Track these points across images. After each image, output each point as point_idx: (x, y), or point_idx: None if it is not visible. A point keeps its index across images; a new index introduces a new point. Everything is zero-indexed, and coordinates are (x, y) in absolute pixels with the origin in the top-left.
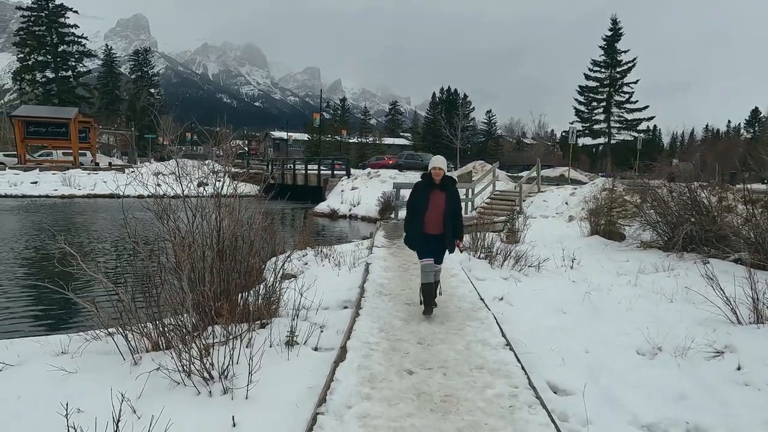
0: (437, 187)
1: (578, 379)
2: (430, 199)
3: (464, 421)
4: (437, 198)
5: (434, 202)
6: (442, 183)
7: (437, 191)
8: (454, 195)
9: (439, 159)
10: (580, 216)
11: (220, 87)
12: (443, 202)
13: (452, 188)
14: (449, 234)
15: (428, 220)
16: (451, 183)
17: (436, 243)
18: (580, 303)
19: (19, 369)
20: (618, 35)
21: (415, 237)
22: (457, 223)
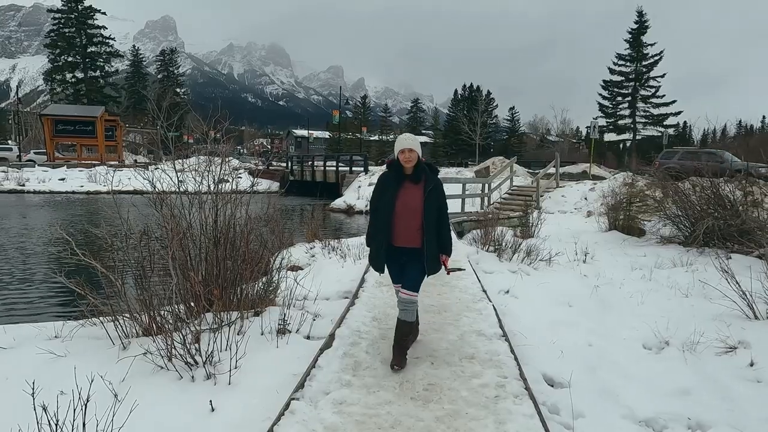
0: (409, 179)
1: (576, 373)
2: (398, 196)
3: (444, 410)
4: (409, 195)
5: (405, 201)
6: (416, 173)
7: (409, 185)
8: (434, 190)
9: (407, 138)
10: (599, 211)
11: (245, 86)
12: (419, 200)
13: (432, 180)
14: (429, 247)
15: (398, 228)
16: (432, 173)
17: (410, 261)
18: (588, 297)
19: (11, 352)
20: (644, 28)
21: (377, 252)
22: (442, 229)
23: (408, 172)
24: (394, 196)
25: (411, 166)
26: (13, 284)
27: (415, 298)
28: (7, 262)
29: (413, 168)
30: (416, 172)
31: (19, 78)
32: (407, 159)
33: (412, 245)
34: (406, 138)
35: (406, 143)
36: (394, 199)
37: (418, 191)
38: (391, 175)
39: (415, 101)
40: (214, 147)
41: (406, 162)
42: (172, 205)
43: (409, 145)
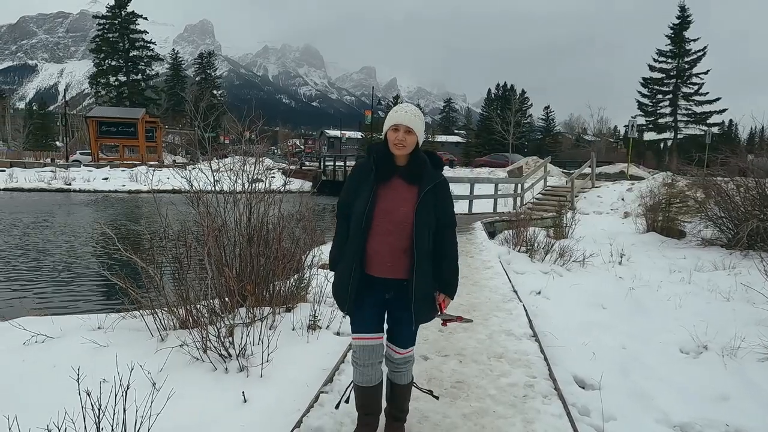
0: (399, 173)
1: (608, 375)
2: (379, 198)
3: (471, 408)
4: (397, 198)
5: (388, 207)
6: (412, 165)
7: (398, 183)
8: (435, 192)
9: (406, 110)
10: (636, 212)
11: (279, 88)
12: (410, 207)
13: (432, 177)
14: (420, 282)
15: (375, 247)
16: (434, 167)
17: (396, 301)
18: (624, 299)
19: (58, 341)
20: (687, 23)
21: (343, 282)
22: (444, 253)
23: (400, 162)
24: (374, 197)
25: (405, 153)
26: (60, 278)
27: (411, 353)
28: (55, 258)
29: (408, 157)
30: (412, 163)
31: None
32: (401, 142)
33: (396, 276)
34: (404, 111)
35: (403, 117)
36: (372, 203)
37: (411, 193)
38: (375, 162)
39: (448, 101)
40: (249, 147)
41: (397, 146)
42: (208, 203)
43: (406, 120)
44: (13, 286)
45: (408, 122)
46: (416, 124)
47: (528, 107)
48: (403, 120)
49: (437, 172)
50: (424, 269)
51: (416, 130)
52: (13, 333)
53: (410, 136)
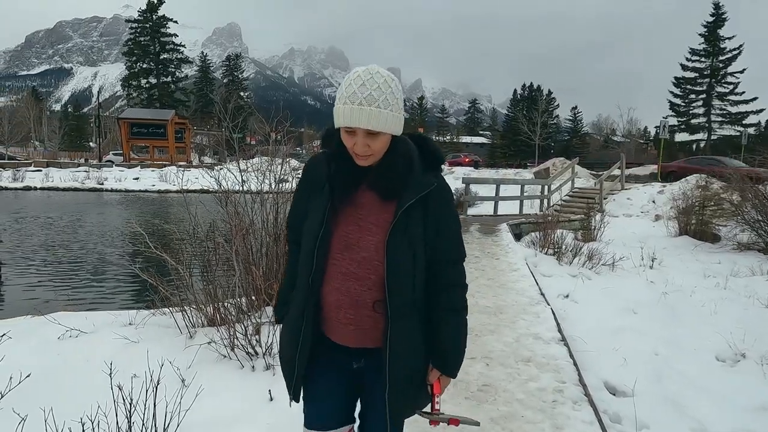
0: (368, 182)
1: (640, 382)
2: (336, 220)
3: (499, 412)
4: (363, 220)
5: (350, 236)
6: (385, 167)
7: (367, 196)
8: (430, 207)
9: (366, 92)
10: (668, 215)
11: (304, 89)
12: (381, 232)
13: (422, 186)
14: (403, 352)
15: (331, 299)
16: (428, 167)
17: (365, 368)
18: (655, 304)
19: (91, 336)
20: (721, 20)
21: (286, 350)
22: (446, 304)
23: (362, 160)
24: (328, 220)
25: (368, 160)
26: (93, 275)
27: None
28: (88, 255)
29: (371, 153)
30: (385, 165)
31: (100, 84)
32: (362, 153)
33: (363, 343)
34: (359, 95)
35: (358, 114)
36: (326, 231)
37: (385, 213)
38: (330, 163)
39: (473, 102)
40: (275, 148)
41: (359, 158)
42: (236, 202)
43: (363, 120)
44: (49, 282)
45: (367, 122)
46: (382, 120)
47: (555, 108)
48: (357, 120)
49: (429, 175)
50: (404, 333)
51: (386, 128)
52: (49, 328)
53: (376, 138)
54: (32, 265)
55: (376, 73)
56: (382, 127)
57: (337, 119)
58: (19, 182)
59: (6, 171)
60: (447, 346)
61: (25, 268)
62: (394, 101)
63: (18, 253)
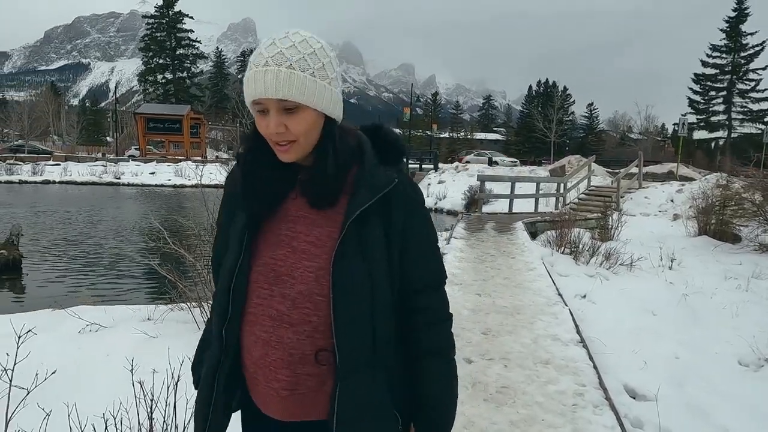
0: (302, 186)
1: (662, 386)
2: (259, 242)
3: (518, 415)
4: (296, 239)
5: (278, 263)
6: (321, 165)
7: (300, 207)
8: (394, 214)
9: (275, 53)
10: (687, 214)
11: None
12: (323, 255)
13: (378, 185)
14: (358, 418)
15: (255, 352)
16: (384, 161)
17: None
18: (675, 306)
19: (111, 330)
20: (744, 15)
21: (203, 407)
22: (425, 344)
23: (288, 156)
24: (249, 242)
25: (290, 150)
26: (110, 269)
27: None
28: (106, 249)
29: (312, 153)
30: (321, 162)
31: (117, 79)
32: (280, 138)
33: (304, 416)
34: (267, 57)
35: (266, 81)
36: (248, 255)
37: (326, 227)
38: (253, 168)
39: (487, 98)
40: None
41: (279, 149)
42: None
43: (271, 88)
44: (67, 276)
45: (274, 87)
46: (298, 85)
47: (570, 104)
48: (262, 85)
49: (387, 171)
50: (359, 395)
51: (305, 98)
52: (70, 321)
53: (295, 116)
54: (51, 259)
55: (294, 33)
56: (299, 94)
57: (247, 91)
58: (38, 176)
59: (26, 165)
60: (432, 402)
61: (44, 261)
62: (317, 65)
63: (37, 247)
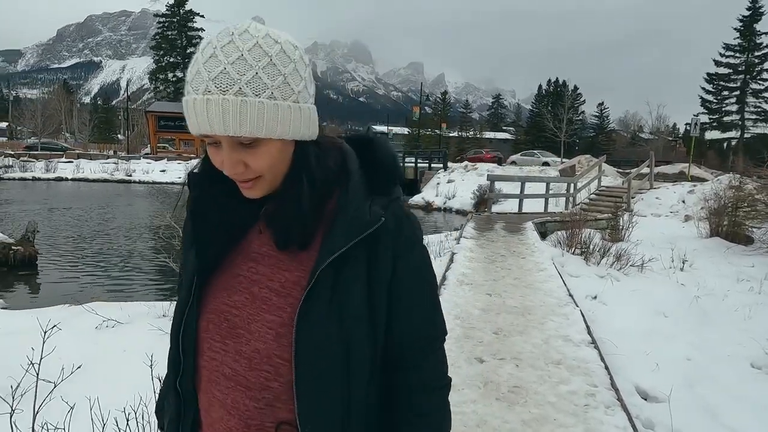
0: (267, 220)
1: (673, 387)
2: (215, 290)
3: (530, 414)
4: (255, 286)
5: (231, 315)
6: (290, 195)
7: (263, 244)
8: (381, 258)
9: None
10: (699, 216)
11: (327, 83)
12: (287, 307)
13: (361, 223)
14: None
15: (214, 416)
16: (378, 187)
17: None
18: (687, 307)
19: (127, 327)
20: (758, 14)
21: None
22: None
23: (253, 192)
24: (200, 284)
25: (255, 186)
26: (124, 265)
27: None
28: (119, 246)
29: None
30: (284, 194)
31: (128, 77)
32: (232, 173)
33: None
34: (201, 69)
35: (199, 110)
36: (197, 300)
37: (293, 272)
38: (205, 197)
39: (497, 97)
40: None
41: (242, 185)
42: None
43: (213, 122)
44: (83, 271)
45: (221, 124)
46: (253, 116)
47: (580, 104)
48: (205, 120)
49: (374, 204)
50: None
51: (264, 131)
52: (86, 317)
53: (255, 150)
54: (66, 256)
55: (240, 35)
56: (255, 129)
57: (188, 123)
58: (51, 173)
59: (39, 162)
60: None
61: (59, 258)
62: (276, 80)
63: (52, 243)
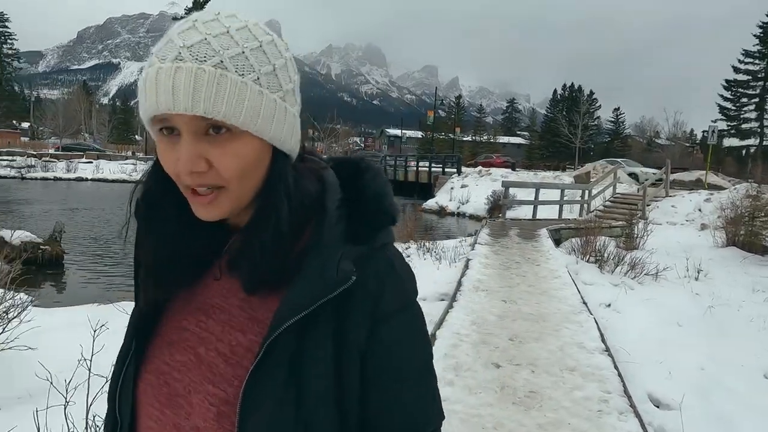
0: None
1: (686, 396)
2: (157, 347)
3: (546, 418)
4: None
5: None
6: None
7: (224, 286)
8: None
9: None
10: (715, 225)
11: (341, 86)
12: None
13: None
14: None
15: None
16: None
17: None
18: (701, 317)
19: None
20: None
21: None
22: None
23: (209, 212)
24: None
25: (214, 202)
26: None
27: None
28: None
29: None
30: (259, 224)
31: None
32: (187, 171)
33: None
34: (175, 38)
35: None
36: (138, 354)
37: (248, 333)
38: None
39: (511, 101)
40: (311, 146)
41: (185, 177)
42: None
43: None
44: (108, 270)
45: (191, 100)
46: (232, 92)
47: (596, 109)
48: (174, 98)
49: (350, 252)
50: None
51: (243, 119)
52: (117, 315)
53: (224, 145)
54: (91, 255)
55: (228, 16)
56: (234, 111)
57: (141, 106)
58: (72, 173)
59: (60, 162)
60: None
61: (84, 257)
62: (264, 67)
63: (78, 243)
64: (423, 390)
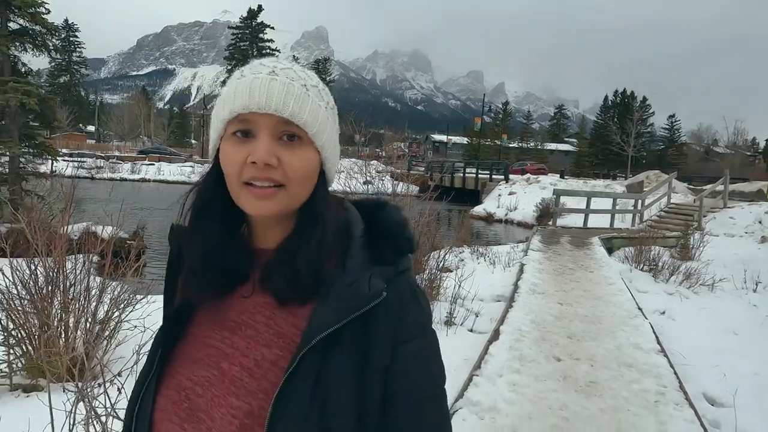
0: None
1: (740, 396)
2: (181, 362)
3: (606, 404)
4: (228, 357)
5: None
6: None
7: (254, 302)
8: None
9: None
10: None
11: (386, 91)
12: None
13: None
14: None
15: None
16: (382, 255)
17: None
18: (758, 327)
19: None
20: None
21: None
22: None
23: (261, 239)
24: (165, 352)
25: (275, 197)
26: None
27: None
28: None
29: (286, 223)
30: (299, 238)
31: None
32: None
33: None
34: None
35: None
36: (159, 369)
37: (274, 348)
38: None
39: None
40: (358, 150)
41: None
42: None
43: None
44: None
45: (282, 101)
46: (310, 107)
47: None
48: (265, 95)
49: (377, 274)
50: None
51: (317, 129)
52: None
53: (294, 149)
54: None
55: (292, 68)
56: (310, 120)
57: (222, 108)
58: (136, 174)
59: (126, 164)
60: None
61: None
62: (327, 101)
63: (153, 239)
64: (441, 410)
